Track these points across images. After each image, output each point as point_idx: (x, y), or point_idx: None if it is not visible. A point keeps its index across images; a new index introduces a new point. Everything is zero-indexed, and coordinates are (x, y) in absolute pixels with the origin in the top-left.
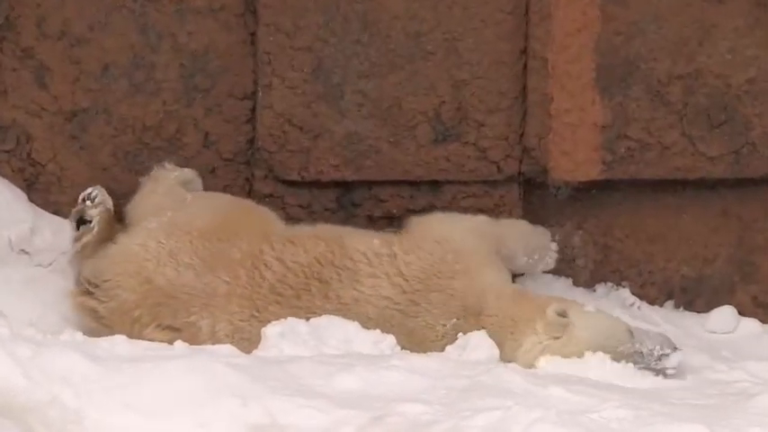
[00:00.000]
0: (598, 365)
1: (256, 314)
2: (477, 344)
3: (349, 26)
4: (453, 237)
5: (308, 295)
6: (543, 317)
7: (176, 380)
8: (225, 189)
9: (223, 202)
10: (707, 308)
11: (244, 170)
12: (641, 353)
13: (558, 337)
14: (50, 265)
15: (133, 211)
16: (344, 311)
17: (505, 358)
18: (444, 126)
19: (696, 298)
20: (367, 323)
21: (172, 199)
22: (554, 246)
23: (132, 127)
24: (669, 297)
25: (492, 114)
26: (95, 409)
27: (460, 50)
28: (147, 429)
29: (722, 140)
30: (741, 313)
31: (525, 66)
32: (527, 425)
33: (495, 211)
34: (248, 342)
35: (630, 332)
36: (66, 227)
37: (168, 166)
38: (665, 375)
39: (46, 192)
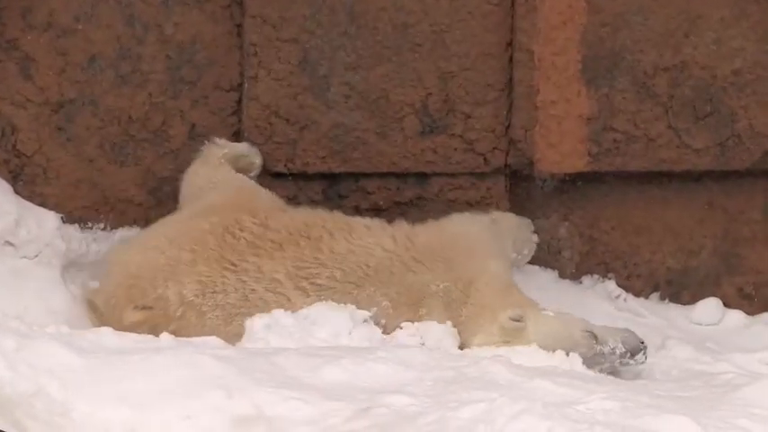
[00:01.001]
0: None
1: (231, 267)
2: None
3: (336, 18)
4: (470, 230)
5: (294, 247)
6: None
7: (162, 372)
8: None
9: (229, 187)
10: (692, 300)
11: None
12: (603, 353)
13: (508, 341)
14: (36, 256)
15: (182, 191)
16: (340, 261)
17: (465, 341)
18: (431, 118)
19: (681, 290)
20: (364, 276)
21: (209, 181)
22: (535, 237)
23: (118, 118)
24: (655, 289)
25: (479, 106)
26: (82, 402)
27: (447, 42)
28: (134, 422)
29: (708, 132)
30: (726, 305)
31: (511, 58)
32: (512, 416)
33: (481, 203)
34: (223, 294)
35: (591, 334)
36: (51, 218)
37: (219, 141)
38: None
39: (31, 183)
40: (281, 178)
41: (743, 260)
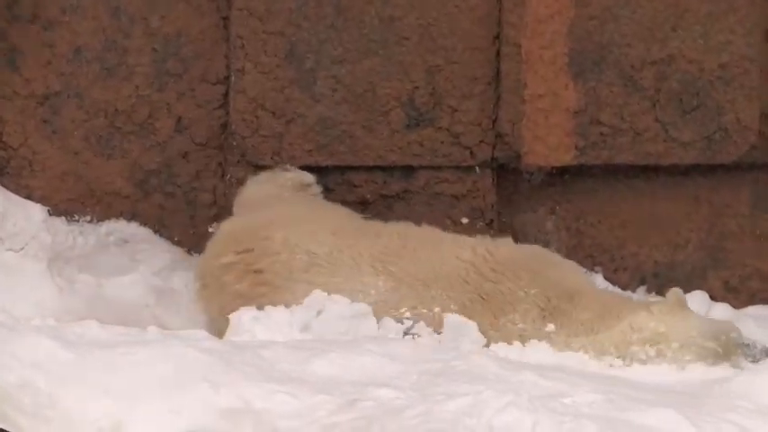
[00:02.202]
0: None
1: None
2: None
3: (322, 11)
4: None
5: (387, 239)
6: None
7: (149, 365)
8: (197, 174)
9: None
10: None
11: (216, 155)
12: (755, 347)
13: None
14: (22, 249)
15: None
16: (416, 260)
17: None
18: (418, 111)
19: (668, 283)
20: (434, 278)
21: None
22: None
23: (104, 111)
24: (641, 282)
25: (465, 100)
26: (69, 395)
27: (434, 36)
28: (121, 414)
29: (694, 126)
30: (713, 298)
31: (499, 51)
32: (499, 409)
33: (467, 197)
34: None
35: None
36: (37, 211)
37: (289, 167)
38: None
39: (17, 176)
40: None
41: (729, 254)
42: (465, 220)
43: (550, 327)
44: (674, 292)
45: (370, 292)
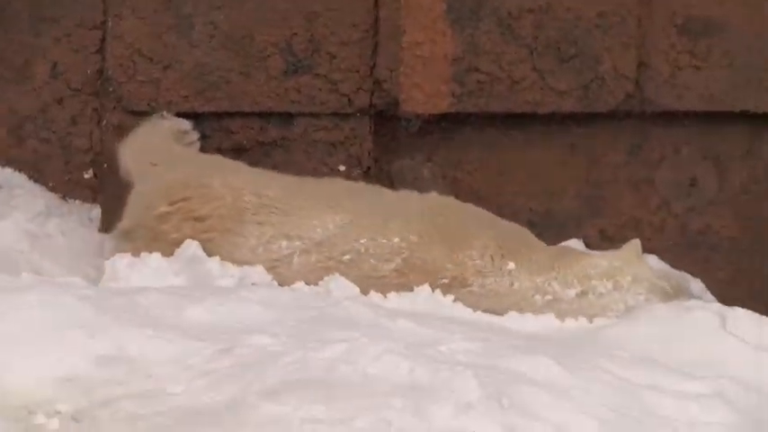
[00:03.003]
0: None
1: None
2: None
3: None
4: None
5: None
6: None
7: (24, 312)
8: (73, 119)
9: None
10: (555, 241)
11: (92, 101)
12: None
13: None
14: None
15: (132, 160)
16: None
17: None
18: (296, 58)
19: (544, 231)
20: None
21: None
22: None
23: None
24: None
25: (344, 47)
26: None
27: None
28: None
29: (571, 75)
30: (588, 246)
31: None
32: (374, 356)
33: (345, 144)
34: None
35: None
36: None
37: (166, 115)
38: None
39: None
40: (145, 117)
41: (605, 202)
42: (342, 168)
43: (511, 265)
44: (633, 243)
45: (328, 226)
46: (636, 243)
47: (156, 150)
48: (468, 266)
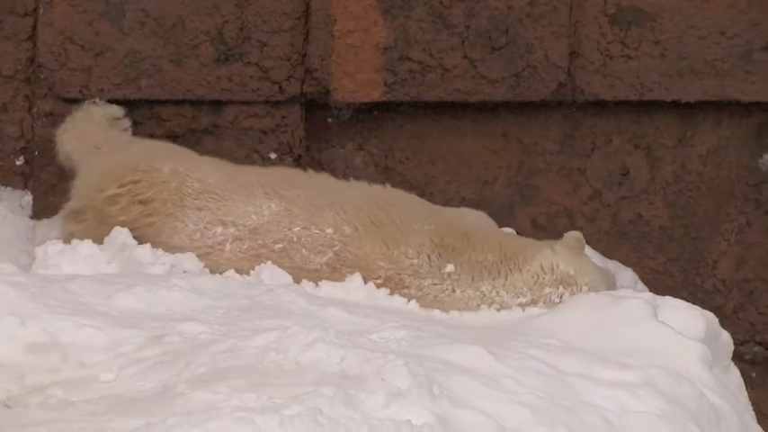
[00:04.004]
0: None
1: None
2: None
3: None
4: None
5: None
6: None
7: None
8: (4, 106)
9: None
10: None
11: (24, 88)
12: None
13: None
14: None
15: (69, 147)
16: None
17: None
18: (227, 46)
19: None
20: None
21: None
22: None
23: None
24: None
25: (275, 35)
26: None
27: None
28: None
29: (503, 63)
30: (520, 235)
31: None
32: (305, 345)
33: (276, 132)
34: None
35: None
36: None
37: (99, 102)
38: None
39: None
40: (76, 104)
41: (537, 191)
42: (273, 156)
43: (450, 267)
44: (573, 234)
45: (264, 213)
46: (579, 238)
47: (97, 134)
48: (405, 266)
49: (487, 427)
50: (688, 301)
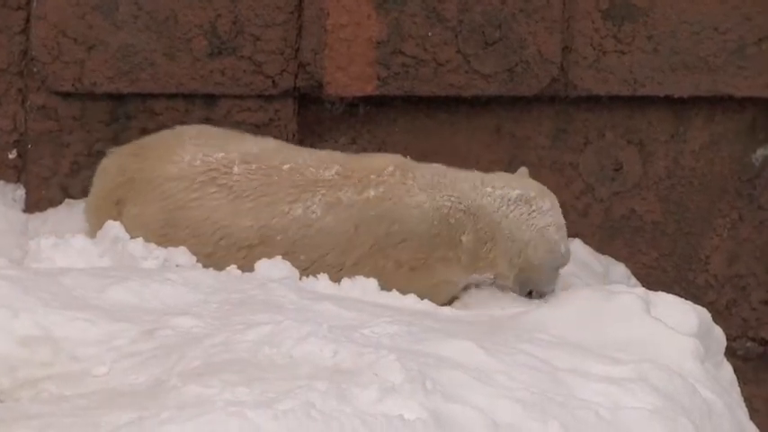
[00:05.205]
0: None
1: None
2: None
3: None
4: None
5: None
6: None
7: None
8: None
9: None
10: None
11: (17, 81)
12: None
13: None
14: None
15: None
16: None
17: None
18: (220, 40)
19: None
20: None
21: None
22: None
23: None
24: None
25: (268, 29)
26: None
27: None
28: None
29: (496, 58)
30: None
31: None
32: (298, 339)
33: (269, 126)
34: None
35: None
36: None
37: None
38: None
39: None
40: (69, 98)
41: None
42: None
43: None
44: (522, 170)
45: (265, 146)
46: (525, 171)
47: None
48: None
49: (480, 421)
50: (681, 297)
